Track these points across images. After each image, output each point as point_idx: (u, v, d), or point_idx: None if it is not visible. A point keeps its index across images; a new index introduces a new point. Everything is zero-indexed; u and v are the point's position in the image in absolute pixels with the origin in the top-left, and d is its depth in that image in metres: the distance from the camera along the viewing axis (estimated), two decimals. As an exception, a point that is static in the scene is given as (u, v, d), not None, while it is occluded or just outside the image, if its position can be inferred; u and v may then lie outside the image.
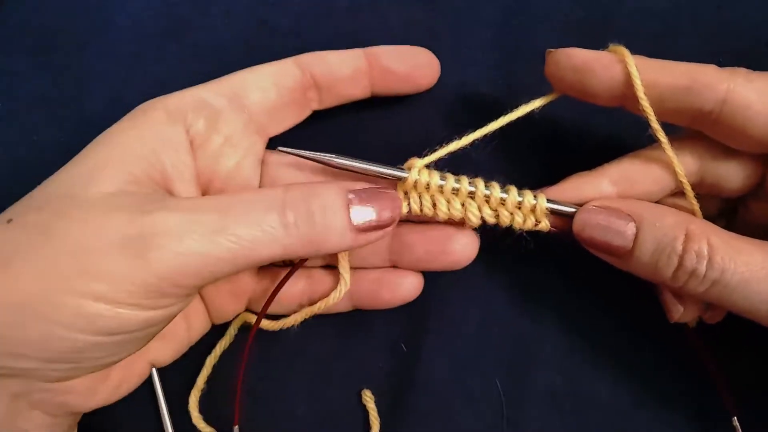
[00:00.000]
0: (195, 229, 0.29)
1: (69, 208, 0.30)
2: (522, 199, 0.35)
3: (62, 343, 0.29)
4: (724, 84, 0.31)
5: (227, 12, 0.44)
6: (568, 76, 0.34)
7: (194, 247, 0.29)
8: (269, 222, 0.30)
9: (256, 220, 0.30)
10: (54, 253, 0.29)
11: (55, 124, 0.43)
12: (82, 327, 0.29)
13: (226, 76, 0.37)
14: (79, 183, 0.31)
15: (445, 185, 0.35)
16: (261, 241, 0.30)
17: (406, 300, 0.39)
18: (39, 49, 0.43)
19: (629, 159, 0.36)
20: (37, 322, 0.28)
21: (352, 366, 0.41)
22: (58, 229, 0.29)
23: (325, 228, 0.31)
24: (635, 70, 0.32)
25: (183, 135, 0.34)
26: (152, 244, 0.28)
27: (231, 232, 0.29)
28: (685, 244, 0.31)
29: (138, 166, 0.32)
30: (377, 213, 0.33)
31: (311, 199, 0.31)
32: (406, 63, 0.39)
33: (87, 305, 0.28)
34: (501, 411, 0.41)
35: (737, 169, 0.34)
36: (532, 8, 0.43)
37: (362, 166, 0.35)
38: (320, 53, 0.38)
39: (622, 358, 0.41)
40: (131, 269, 0.28)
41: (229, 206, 0.30)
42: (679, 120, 0.34)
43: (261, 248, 0.30)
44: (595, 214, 0.34)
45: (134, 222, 0.29)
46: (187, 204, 0.31)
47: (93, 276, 0.28)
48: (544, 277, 0.42)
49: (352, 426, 0.41)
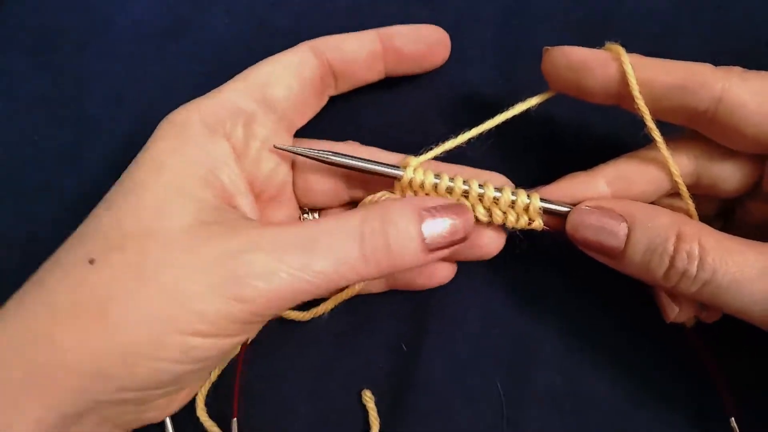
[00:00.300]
0: (283, 268, 0.30)
1: (152, 247, 0.30)
2: (515, 198, 0.35)
3: (166, 375, 0.31)
4: (719, 83, 0.31)
5: (227, 12, 0.44)
6: (564, 74, 0.34)
7: (283, 285, 0.30)
8: (350, 256, 0.31)
9: (337, 256, 0.31)
10: (152, 299, 0.29)
11: (55, 124, 0.43)
12: (185, 360, 0.30)
13: (246, 71, 0.36)
14: (151, 217, 0.31)
15: (439, 184, 0.35)
16: (342, 273, 0.31)
17: (440, 284, 0.40)
18: (39, 49, 0.43)
19: (625, 159, 0.36)
20: (144, 362, 0.30)
21: (352, 366, 0.41)
22: (148, 271, 0.30)
23: (401, 256, 0.32)
24: (630, 68, 0.32)
25: (227, 147, 0.34)
26: (246, 286, 0.30)
27: (315, 269, 0.30)
28: (677, 245, 0.31)
29: (202, 190, 0.33)
30: (451, 235, 0.33)
31: (388, 228, 0.32)
32: (420, 43, 0.39)
33: (190, 341, 0.30)
34: (501, 411, 0.41)
35: (733, 169, 0.35)
36: (532, 8, 0.43)
37: (358, 164, 0.35)
38: (335, 38, 0.38)
39: (622, 358, 0.41)
40: (229, 308, 0.30)
41: (312, 242, 0.31)
42: (674, 119, 0.34)
43: (340, 279, 0.31)
44: (587, 214, 0.34)
45: (225, 265, 0.30)
46: (270, 243, 0.31)
47: (194, 317, 0.30)
48: (544, 277, 0.42)
49: (352, 426, 0.41)
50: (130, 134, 0.42)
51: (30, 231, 0.42)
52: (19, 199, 0.43)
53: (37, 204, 0.43)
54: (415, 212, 0.32)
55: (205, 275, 0.30)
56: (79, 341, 0.29)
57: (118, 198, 0.32)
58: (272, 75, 0.36)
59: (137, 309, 0.29)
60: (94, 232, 0.32)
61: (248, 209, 0.35)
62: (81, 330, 0.29)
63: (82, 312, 0.29)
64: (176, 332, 0.29)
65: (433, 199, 0.34)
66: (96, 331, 0.29)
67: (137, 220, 0.31)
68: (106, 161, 0.42)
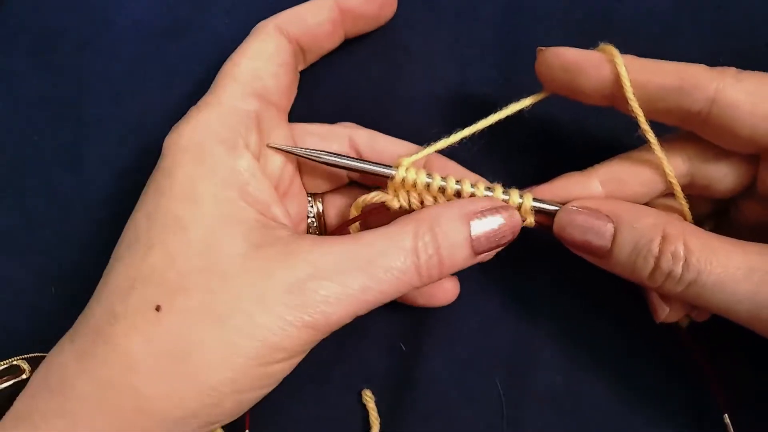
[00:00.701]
0: (347, 292, 0.31)
1: (216, 285, 0.31)
2: (507, 198, 0.35)
3: (250, 402, 0.32)
4: (713, 84, 0.31)
5: (227, 12, 0.44)
6: (558, 75, 0.34)
7: (348, 308, 0.32)
8: (406, 273, 0.32)
9: (395, 275, 0.32)
10: (230, 339, 0.30)
11: (55, 124, 0.43)
12: (267, 384, 0.32)
13: (229, 69, 0.36)
14: (204, 253, 0.31)
15: (431, 183, 0.35)
16: (399, 289, 0.32)
17: (443, 304, 0.40)
18: (39, 49, 0.43)
19: (619, 160, 0.36)
20: (230, 397, 0.31)
21: (352, 366, 0.41)
22: (219, 312, 0.30)
23: (451, 265, 0.33)
24: (624, 69, 0.32)
25: (250, 158, 0.34)
26: (315, 313, 0.31)
27: (375, 289, 0.32)
28: (662, 246, 0.31)
29: (244, 212, 0.32)
30: (498, 238, 0.34)
31: (440, 241, 0.33)
32: (372, 2, 0.39)
33: (271, 369, 0.31)
34: (501, 411, 0.41)
35: (728, 169, 0.34)
36: (532, 8, 0.43)
37: (351, 164, 0.36)
38: (294, 12, 0.38)
39: (621, 358, 0.41)
40: (302, 335, 0.31)
41: (370, 265, 0.32)
42: (668, 119, 0.34)
43: (396, 293, 0.33)
44: (574, 214, 0.34)
45: (294, 296, 0.30)
46: (331, 268, 0.31)
47: (273, 350, 0.30)
48: (544, 277, 0.42)
49: (352, 426, 0.41)
50: (130, 134, 0.42)
51: (30, 231, 0.42)
52: (19, 199, 0.43)
53: (37, 204, 0.43)
54: (464, 220, 0.33)
55: (276, 308, 0.30)
56: (164, 389, 0.29)
57: (161, 237, 0.31)
58: (259, 69, 0.36)
59: (218, 351, 0.30)
60: (149, 276, 0.31)
61: (282, 214, 0.35)
62: (164, 379, 0.29)
63: (162, 362, 0.29)
64: (258, 365, 0.30)
65: (481, 201, 0.34)
66: (179, 378, 0.30)
67: (190, 258, 0.31)
68: (106, 161, 0.42)
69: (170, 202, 0.32)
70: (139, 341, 0.30)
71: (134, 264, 0.31)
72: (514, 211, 0.35)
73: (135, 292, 0.31)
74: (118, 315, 0.30)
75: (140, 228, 0.32)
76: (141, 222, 0.32)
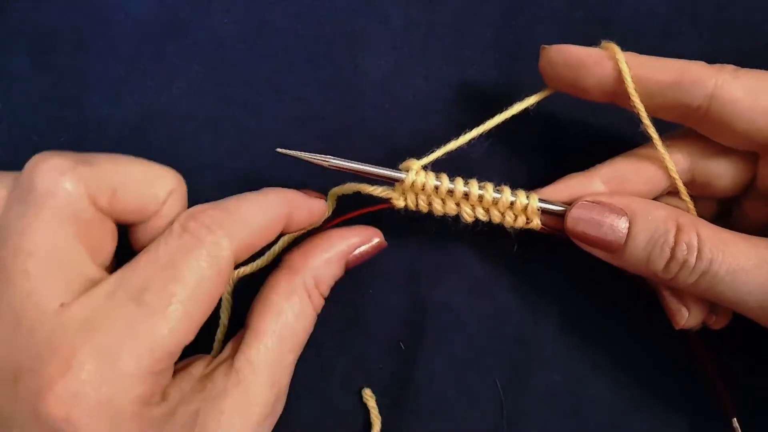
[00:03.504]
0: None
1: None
2: (514, 200, 0.35)
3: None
4: (712, 80, 0.32)
5: (227, 12, 0.44)
6: (561, 72, 0.34)
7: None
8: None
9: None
10: None
11: (55, 124, 0.43)
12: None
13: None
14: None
15: (440, 187, 0.35)
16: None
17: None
18: (39, 49, 0.43)
19: (621, 159, 0.36)
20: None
21: (352, 365, 0.41)
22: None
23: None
24: (626, 66, 0.33)
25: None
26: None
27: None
28: (677, 236, 0.32)
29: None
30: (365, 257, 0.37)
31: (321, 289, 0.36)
32: (312, 217, 0.37)
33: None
34: (501, 411, 0.41)
35: (727, 167, 0.35)
36: (532, 8, 0.43)
37: (360, 168, 0.36)
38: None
39: (621, 358, 0.41)
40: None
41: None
42: (668, 116, 0.34)
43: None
44: (588, 209, 0.34)
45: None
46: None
47: None
48: (544, 277, 0.42)
49: (352, 425, 0.41)
50: (130, 135, 0.42)
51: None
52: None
53: (37, 204, 0.43)
54: (341, 262, 0.36)
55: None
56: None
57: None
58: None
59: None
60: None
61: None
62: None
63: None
64: None
65: (353, 238, 0.37)
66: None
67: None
68: (106, 161, 0.42)
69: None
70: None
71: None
72: (380, 239, 0.37)
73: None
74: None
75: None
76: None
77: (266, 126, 0.42)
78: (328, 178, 0.37)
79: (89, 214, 0.31)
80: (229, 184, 0.42)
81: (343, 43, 0.43)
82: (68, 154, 0.31)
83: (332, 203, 0.38)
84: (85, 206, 0.30)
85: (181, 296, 0.29)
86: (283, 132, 0.42)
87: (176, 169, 0.34)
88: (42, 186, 0.30)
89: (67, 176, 0.30)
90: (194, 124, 0.42)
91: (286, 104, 0.43)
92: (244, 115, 0.42)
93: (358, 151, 0.42)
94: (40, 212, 0.29)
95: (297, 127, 0.42)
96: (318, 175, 0.37)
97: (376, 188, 0.36)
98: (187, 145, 0.42)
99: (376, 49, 0.43)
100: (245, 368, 0.32)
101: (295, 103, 0.43)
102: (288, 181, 0.42)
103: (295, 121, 0.42)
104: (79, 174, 0.30)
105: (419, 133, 0.42)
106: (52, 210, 0.29)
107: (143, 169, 0.33)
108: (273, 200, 0.34)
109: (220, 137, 0.42)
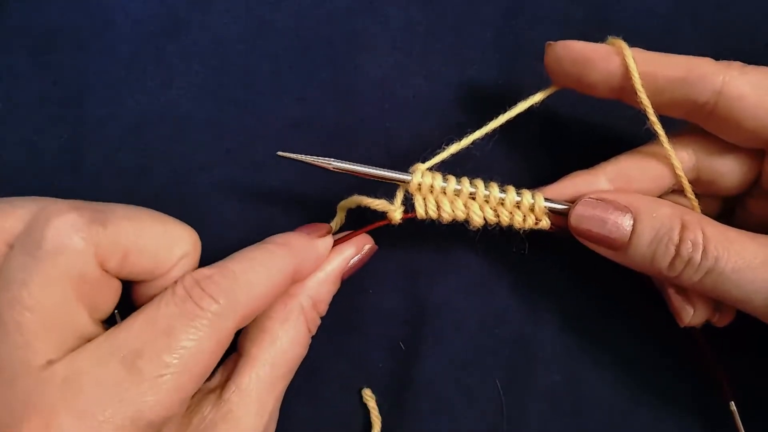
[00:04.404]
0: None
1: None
2: (520, 199, 0.35)
3: None
4: (720, 76, 0.32)
5: (227, 12, 0.44)
6: (567, 68, 0.34)
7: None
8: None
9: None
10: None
11: (55, 124, 0.43)
12: None
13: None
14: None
15: (447, 187, 0.35)
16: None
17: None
18: (39, 49, 0.43)
19: (626, 156, 0.36)
20: None
21: (352, 365, 0.41)
22: None
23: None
24: (633, 62, 0.32)
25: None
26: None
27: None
28: (681, 234, 0.32)
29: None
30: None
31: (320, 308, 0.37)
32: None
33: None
34: (501, 411, 0.41)
35: (733, 164, 0.35)
36: (532, 8, 0.43)
37: (365, 170, 0.35)
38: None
39: (621, 357, 0.41)
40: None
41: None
42: (675, 112, 0.34)
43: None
44: (592, 206, 0.34)
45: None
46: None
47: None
48: (544, 277, 0.42)
49: (352, 425, 0.41)
50: (130, 135, 0.42)
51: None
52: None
53: (37, 204, 0.42)
54: (337, 280, 0.37)
55: None
56: None
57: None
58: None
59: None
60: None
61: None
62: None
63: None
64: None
65: (347, 251, 0.37)
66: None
67: None
68: (106, 161, 0.42)
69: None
70: None
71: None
72: (371, 244, 0.38)
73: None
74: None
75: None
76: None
77: (266, 126, 0.42)
78: (328, 177, 0.37)
79: (95, 276, 0.30)
80: (229, 184, 0.42)
81: (343, 43, 0.43)
82: (85, 208, 0.30)
83: (341, 216, 0.38)
84: (92, 268, 0.29)
85: (174, 368, 0.28)
86: (283, 132, 0.42)
87: (176, 169, 0.34)
88: (52, 243, 0.28)
89: (79, 236, 0.29)
90: (194, 124, 0.42)
91: (286, 104, 0.43)
92: (244, 115, 0.42)
93: (358, 151, 0.42)
94: (45, 269, 0.28)
95: (297, 127, 0.42)
96: (318, 175, 0.37)
97: (374, 201, 0.36)
98: (187, 145, 0.42)
99: (376, 49, 0.43)
100: (235, 398, 0.32)
101: (295, 104, 0.42)
102: (288, 180, 0.42)
103: (295, 121, 0.42)
104: (91, 235, 0.29)
105: (419, 133, 0.42)
106: (58, 269, 0.28)
107: (161, 231, 0.32)
108: (279, 261, 0.33)
109: (220, 137, 0.42)
